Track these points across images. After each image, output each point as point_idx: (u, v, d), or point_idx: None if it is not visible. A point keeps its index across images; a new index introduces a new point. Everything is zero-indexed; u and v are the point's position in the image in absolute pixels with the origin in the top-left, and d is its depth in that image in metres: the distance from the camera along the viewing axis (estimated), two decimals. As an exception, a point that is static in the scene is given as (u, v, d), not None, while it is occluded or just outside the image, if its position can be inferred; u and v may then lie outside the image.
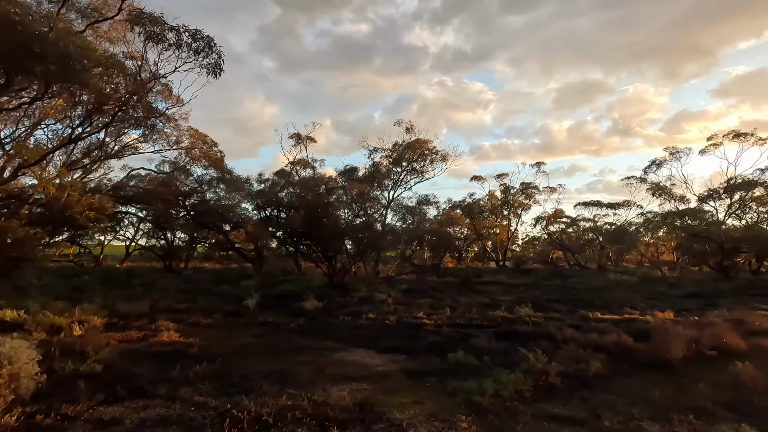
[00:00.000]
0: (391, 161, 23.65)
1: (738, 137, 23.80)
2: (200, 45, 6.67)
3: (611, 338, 7.80)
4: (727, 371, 6.20)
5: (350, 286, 17.34)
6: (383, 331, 9.39)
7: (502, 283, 22.64)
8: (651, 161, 26.99)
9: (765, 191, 23.13)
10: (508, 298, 16.23)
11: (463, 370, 6.44)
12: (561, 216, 39.19)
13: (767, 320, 10.32)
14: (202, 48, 6.73)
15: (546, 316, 11.91)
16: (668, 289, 19.75)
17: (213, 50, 6.63)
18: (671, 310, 12.74)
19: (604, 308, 13.60)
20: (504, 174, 36.38)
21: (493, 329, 9.40)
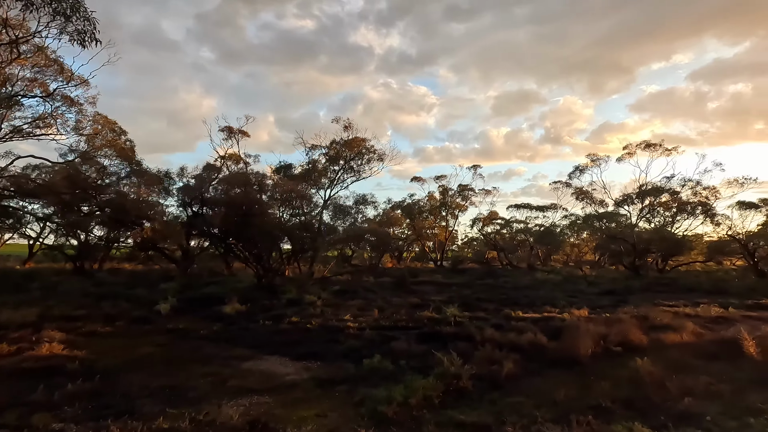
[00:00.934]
0: (327, 159, 23.04)
1: (648, 147, 26.19)
2: (62, 6, 5.57)
3: (527, 337, 7.91)
4: (629, 367, 6.43)
5: (280, 288, 16.55)
6: (303, 336, 8.88)
7: (436, 283, 22.89)
8: (575, 167, 28.91)
9: (670, 197, 25.61)
10: (439, 297, 16.32)
11: (377, 377, 6.13)
12: (496, 218, 40.80)
13: (667, 315, 11.11)
14: (64, 10, 5.62)
15: (473, 315, 12.02)
16: (587, 287, 21.04)
17: (79, 13, 5.56)
18: (587, 307, 13.45)
19: (528, 306, 14.05)
20: (442, 176, 37.16)
21: (417, 331, 9.24)
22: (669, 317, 10.93)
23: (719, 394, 5.44)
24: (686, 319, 11.09)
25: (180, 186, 19.23)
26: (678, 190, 25.52)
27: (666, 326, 10.00)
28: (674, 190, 25.56)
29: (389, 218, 34.42)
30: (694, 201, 24.88)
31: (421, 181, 39.87)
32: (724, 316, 11.63)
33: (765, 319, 11.32)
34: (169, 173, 18.48)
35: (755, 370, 6.44)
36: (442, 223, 38.99)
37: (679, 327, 9.70)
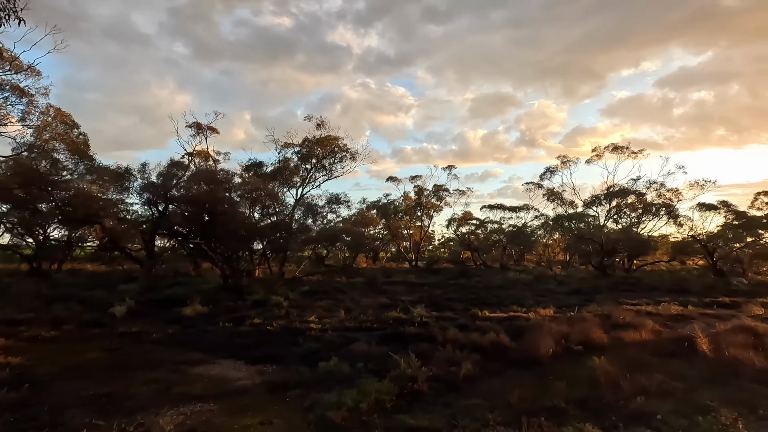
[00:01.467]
0: (299, 157, 22.60)
1: (616, 150, 26.90)
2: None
3: (489, 338, 7.84)
4: (587, 366, 6.42)
5: (247, 289, 16.09)
6: (262, 339, 8.56)
7: (409, 283, 22.81)
8: (546, 168, 29.44)
9: (636, 199, 26.38)
10: (410, 298, 16.23)
11: (332, 380, 5.91)
12: (470, 218, 41.13)
13: (629, 314, 11.30)
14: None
15: (440, 315, 11.96)
16: (556, 286, 21.36)
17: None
18: (553, 306, 13.59)
19: (496, 306, 14.09)
20: (418, 176, 37.16)
21: (381, 332, 9.07)
22: (631, 316, 11.13)
23: (672, 392, 5.47)
24: (647, 318, 11.31)
25: (143, 184, 18.42)
26: (643, 191, 26.37)
27: (627, 325, 10.16)
28: (640, 191, 26.40)
29: (364, 218, 34.18)
30: (659, 202, 25.74)
31: (396, 181, 39.81)
32: (683, 314, 11.92)
33: (721, 317, 11.63)
34: (130, 170, 17.67)
35: (707, 368, 6.54)
36: (417, 224, 39.02)
37: (639, 325, 9.86)
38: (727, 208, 25.33)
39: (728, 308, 13.71)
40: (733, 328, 8.76)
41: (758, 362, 6.33)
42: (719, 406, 4.88)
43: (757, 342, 7.68)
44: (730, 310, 13.21)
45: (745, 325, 8.76)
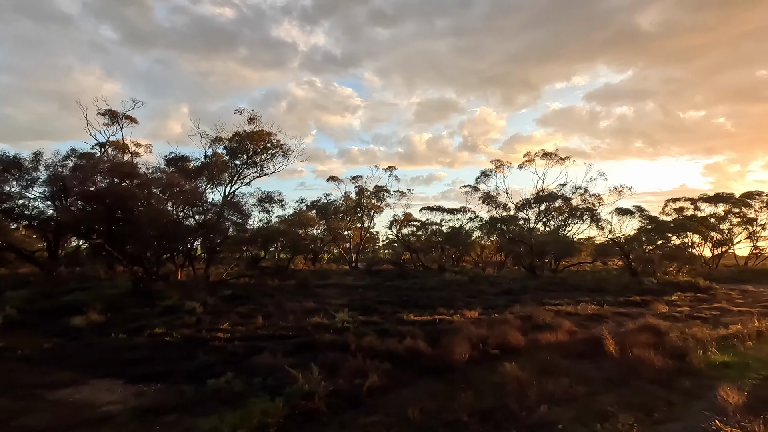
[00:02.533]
0: (228, 152, 21.21)
1: (545, 156, 28.33)
2: None
3: (406, 344, 7.47)
4: (500, 372, 6.22)
5: (161, 294, 14.64)
6: (155, 352, 7.55)
7: (344, 285, 22.21)
8: (481, 172, 30.24)
9: (563, 203, 27.84)
10: (340, 301, 15.65)
11: (217, 400, 5.18)
12: (412, 220, 41.36)
13: (549, 314, 11.53)
14: None
15: (367, 320, 11.52)
16: (488, 287, 21.80)
17: None
18: (480, 308, 13.66)
19: (426, 308, 13.90)
20: (358, 176, 36.70)
21: (294, 340, 8.41)
22: (550, 316, 11.35)
23: (576, 397, 5.36)
24: (565, 318, 11.61)
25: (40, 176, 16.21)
26: (570, 196, 27.92)
27: (546, 325, 10.32)
28: (566, 196, 27.91)
29: (303, 218, 33.10)
30: (583, 207, 27.36)
31: (337, 181, 39.06)
32: (598, 314, 12.41)
33: (631, 315, 12.24)
34: (18, 159, 15.36)
35: (613, 369, 6.61)
36: (358, 225, 38.55)
37: (556, 326, 10.02)
38: (641, 213, 27.46)
39: (638, 306, 14.57)
40: (639, 327, 9.12)
41: (658, 362, 6.47)
42: (618, 411, 4.81)
43: (659, 341, 7.97)
44: (639, 309, 14.03)
45: (649, 324, 9.15)
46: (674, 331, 8.66)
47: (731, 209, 37.77)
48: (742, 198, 37.15)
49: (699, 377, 6.12)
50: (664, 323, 9.72)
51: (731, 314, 12.27)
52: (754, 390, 5.45)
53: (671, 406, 5.04)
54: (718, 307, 13.98)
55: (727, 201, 37.71)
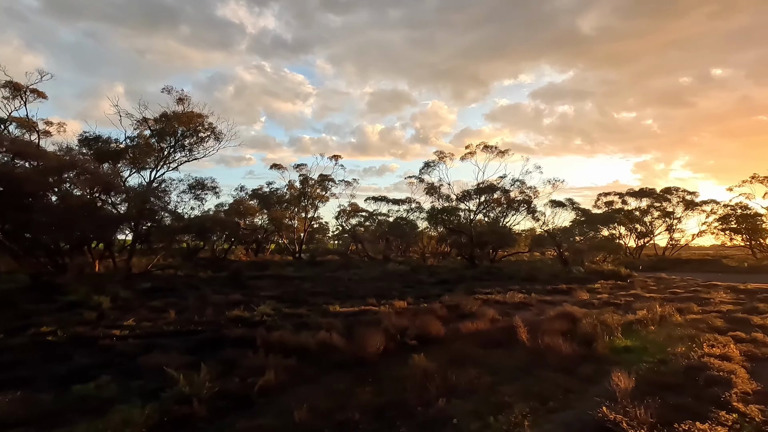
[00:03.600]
0: (152, 133, 19.55)
1: (486, 149, 29.01)
2: None
3: (320, 337, 7.08)
4: (408, 365, 6.00)
5: (65, 288, 13.21)
6: (27, 354, 6.62)
7: (281, 277, 21.44)
8: (425, 163, 30.43)
9: (502, 194, 28.71)
10: (271, 293, 15.00)
11: (81, 409, 4.52)
12: (360, 210, 40.99)
13: (476, 303, 11.62)
14: None
15: (292, 312, 11.02)
16: (427, 277, 21.98)
17: None
18: (412, 298, 13.60)
19: (360, 299, 13.62)
20: (302, 165, 35.68)
21: (199, 336, 7.76)
22: (477, 305, 11.44)
23: (479, 388, 5.23)
24: (492, 306, 11.79)
25: None
26: (508, 188, 28.82)
27: (471, 314, 10.37)
28: (505, 188, 28.79)
29: (242, 207, 31.65)
30: (520, 199, 28.37)
31: (281, 169, 37.83)
32: (524, 302, 12.73)
33: (554, 303, 12.63)
34: None
35: (523, 358, 6.62)
36: (302, 214, 37.59)
37: (480, 315, 10.09)
38: (573, 205, 28.90)
39: (563, 294, 15.18)
40: (556, 315, 9.36)
41: (565, 349, 6.56)
42: (516, 402, 4.72)
43: (572, 328, 8.18)
44: (564, 296, 14.62)
45: (565, 312, 9.42)
46: (588, 317, 8.94)
47: (653, 203, 40.90)
48: (662, 193, 40.26)
49: (601, 363, 6.25)
50: (581, 310, 10.06)
51: (643, 300, 13.03)
52: (646, 374, 5.61)
53: (568, 393, 5.05)
54: (633, 293, 14.88)
55: (650, 196, 40.77)
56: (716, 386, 4.96)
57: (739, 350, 6.64)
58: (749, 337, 7.59)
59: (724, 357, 6.06)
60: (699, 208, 39.48)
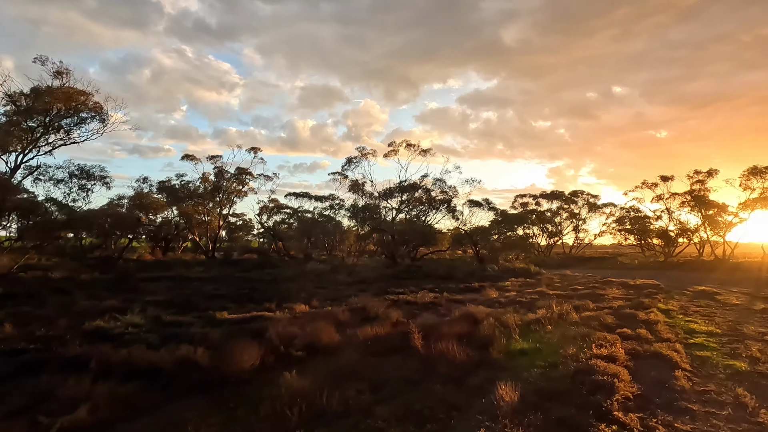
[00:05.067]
0: (20, 110, 16.44)
1: (409, 147, 29.04)
2: None
3: (181, 354, 5.93)
4: (279, 384, 5.12)
5: None
6: None
7: (182, 278, 19.37)
8: (347, 159, 29.68)
9: (423, 193, 28.91)
10: (161, 297, 13.23)
11: None
12: (284, 207, 39.05)
13: (384, 305, 11.04)
14: None
15: (174, 319, 9.60)
16: (345, 276, 21.21)
17: None
18: (319, 300, 12.72)
19: (262, 302, 12.44)
20: (217, 156, 33.02)
21: (22, 357, 6.18)
22: (385, 307, 10.86)
23: (353, 410, 4.51)
24: (401, 307, 11.30)
25: None
26: (430, 187, 29.09)
27: (376, 317, 9.75)
28: (427, 187, 29.03)
29: (145, 201, 28.46)
30: (441, 198, 28.76)
31: (194, 161, 34.72)
32: (434, 302, 12.43)
33: (464, 302, 12.49)
34: None
35: (415, 367, 6.05)
36: (217, 210, 34.88)
37: (385, 318, 9.50)
38: (489, 205, 29.92)
39: (474, 292, 15.25)
40: (459, 316, 9.04)
41: (459, 355, 6.10)
42: (389, 427, 4.05)
43: (472, 330, 7.84)
44: (474, 294, 14.64)
45: (469, 312, 9.13)
46: (490, 318, 8.71)
47: (562, 205, 44.08)
48: (570, 196, 43.52)
49: (494, 369, 5.86)
50: (486, 310, 9.87)
51: (546, 298, 13.36)
52: (536, 380, 5.28)
53: (452, 411, 4.50)
54: (539, 291, 15.32)
55: (559, 198, 43.87)
56: (600, 393, 4.71)
57: (624, 349, 6.67)
58: (634, 334, 7.78)
59: (610, 358, 5.97)
60: (600, 210, 43.26)
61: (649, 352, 6.65)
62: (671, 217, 36.89)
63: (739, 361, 6.30)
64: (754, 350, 6.84)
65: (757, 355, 6.58)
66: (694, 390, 5.11)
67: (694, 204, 33.69)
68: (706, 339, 7.70)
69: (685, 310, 10.88)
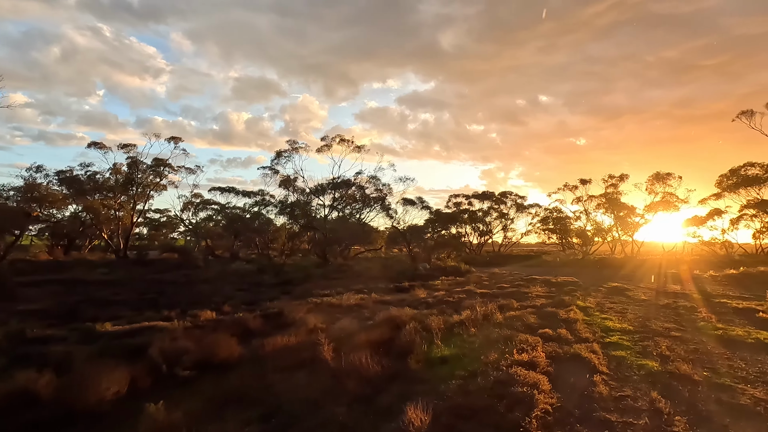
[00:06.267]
0: None
1: (342, 142, 28.16)
2: None
3: (19, 382, 4.64)
4: (145, 414, 4.10)
5: None
6: None
7: (77, 282, 16.99)
8: (276, 153, 28.12)
9: (357, 190, 28.25)
10: (38, 305, 11.28)
11: None
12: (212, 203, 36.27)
13: (303, 309, 10.17)
14: None
15: (45, 333, 8.01)
16: (272, 277, 19.93)
17: None
18: (237, 303, 11.54)
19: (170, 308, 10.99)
20: (131, 145, 29.76)
21: None
22: (304, 311, 9.99)
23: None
24: (324, 311, 10.50)
25: None
26: (364, 185, 28.48)
27: (292, 323, 8.85)
28: (360, 184, 28.39)
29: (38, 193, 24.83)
30: (375, 195, 28.29)
31: (103, 149, 31.09)
32: (360, 304, 11.75)
33: (392, 303, 11.95)
34: None
35: (322, 384, 5.28)
36: (130, 205, 31.51)
37: (301, 324, 8.65)
38: (422, 203, 30.00)
39: (404, 292, 14.81)
40: (382, 320, 8.44)
41: (373, 368, 5.44)
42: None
43: (392, 336, 7.25)
44: (404, 295, 14.20)
45: (391, 316, 8.55)
46: (413, 321, 8.19)
47: (492, 205, 45.75)
48: (499, 197, 45.26)
49: (410, 382, 5.27)
50: (411, 312, 9.37)
51: (474, 297, 13.25)
52: (452, 395, 4.75)
53: (352, 441, 3.79)
54: (467, 290, 15.22)
55: (490, 199, 45.46)
56: (519, 408, 4.27)
57: (545, 352, 6.42)
58: (555, 335, 7.64)
59: (530, 364, 5.64)
60: (527, 210, 45.43)
61: (569, 354, 6.47)
62: (588, 217, 39.66)
63: (651, 360, 6.29)
64: (663, 348, 6.94)
65: (666, 353, 6.66)
66: (611, 396, 4.87)
67: (608, 206, 36.42)
68: (620, 337, 7.77)
69: (601, 307, 11.21)
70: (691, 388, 5.14)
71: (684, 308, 10.93)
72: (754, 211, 29.58)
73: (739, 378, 5.55)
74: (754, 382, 5.43)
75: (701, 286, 15.97)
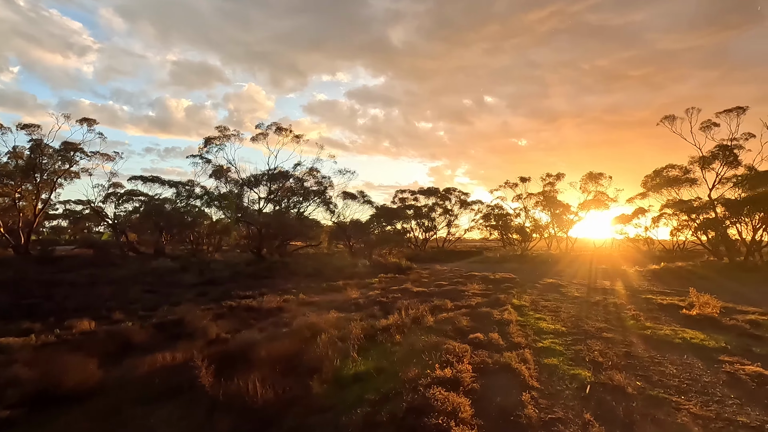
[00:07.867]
0: None
1: (279, 131, 26.41)
2: None
3: None
4: None
5: None
6: None
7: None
8: (205, 140, 25.78)
9: (295, 183, 26.75)
10: None
11: None
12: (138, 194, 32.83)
13: (207, 316, 8.83)
14: None
15: None
16: (195, 276, 18.10)
17: None
18: (127, 312, 9.90)
19: (42, 317, 9.16)
20: (34, 126, 26.03)
21: None
22: (210, 317, 8.66)
23: None
24: (237, 316, 9.24)
25: None
26: (303, 177, 27.00)
27: (192, 333, 7.53)
28: (299, 177, 26.89)
29: None
30: (315, 189, 26.91)
31: (1, 129, 27.01)
32: (281, 307, 10.55)
33: (320, 305, 10.92)
34: None
35: (195, 419, 4.13)
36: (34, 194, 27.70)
37: (203, 334, 7.37)
38: (363, 198, 29.08)
39: (336, 292, 13.78)
40: (295, 328, 7.36)
41: (261, 396, 4.36)
42: None
43: (302, 348, 6.20)
44: (336, 294, 13.19)
45: (308, 323, 7.50)
46: (331, 329, 7.19)
47: (437, 201, 45.91)
48: (444, 193, 45.49)
49: (308, 412, 4.27)
50: (334, 317, 8.39)
51: (409, 296, 12.51)
52: (354, 430, 3.80)
53: None
54: (404, 288, 14.47)
55: (435, 195, 45.56)
56: (429, 449, 3.39)
57: (472, 364, 5.69)
58: (486, 340, 7.00)
59: (453, 382, 4.85)
60: (470, 207, 46.04)
61: (499, 364, 5.78)
62: (528, 214, 40.84)
63: (584, 369, 5.76)
64: (596, 353, 6.49)
65: (599, 359, 6.20)
66: (540, 421, 4.17)
67: (545, 203, 37.62)
68: (553, 341, 7.28)
69: (536, 306, 10.87)
70: (625, 404, 4.58)
71: (614, 305, 10.87)
72: (672, 210, 31.75)
73: (672, 388, 5.12)
74: (688, 392, 5.00)
75: (628, 281, 16.43)
